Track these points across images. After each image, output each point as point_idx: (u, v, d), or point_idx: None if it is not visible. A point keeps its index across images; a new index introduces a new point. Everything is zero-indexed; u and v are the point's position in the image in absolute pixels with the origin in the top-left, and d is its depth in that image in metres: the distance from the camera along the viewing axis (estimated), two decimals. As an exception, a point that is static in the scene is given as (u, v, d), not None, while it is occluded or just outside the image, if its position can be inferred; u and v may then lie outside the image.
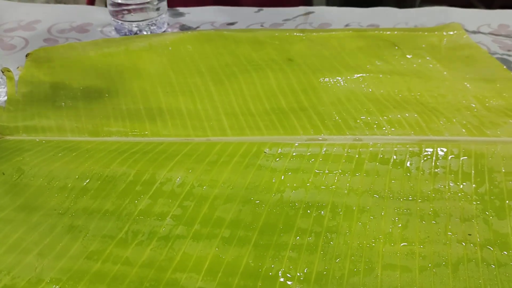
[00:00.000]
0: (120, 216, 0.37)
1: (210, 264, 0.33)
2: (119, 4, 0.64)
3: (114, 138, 0.46)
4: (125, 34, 0.66)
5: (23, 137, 0.46)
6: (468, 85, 0.54)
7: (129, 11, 0.65)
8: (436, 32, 0.66)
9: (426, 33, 0.66)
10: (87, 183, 0.40)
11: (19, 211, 0.37)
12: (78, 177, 0.40)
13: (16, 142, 0.45)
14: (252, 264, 0.33)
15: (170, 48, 0.61)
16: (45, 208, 0.38)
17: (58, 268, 0.33)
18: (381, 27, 0.71)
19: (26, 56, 0.57)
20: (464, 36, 0.65)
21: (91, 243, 0.35)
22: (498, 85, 0.54)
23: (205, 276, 0.32)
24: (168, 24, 0.70)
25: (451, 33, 0.66)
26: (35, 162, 0.42)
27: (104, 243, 0.35)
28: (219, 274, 0.33)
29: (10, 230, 0.36)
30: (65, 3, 0.73)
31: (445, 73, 0.57)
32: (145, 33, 0.66)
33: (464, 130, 0.46)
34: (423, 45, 0.63)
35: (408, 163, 0.42)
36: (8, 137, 0.45)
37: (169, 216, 0.37)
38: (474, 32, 0.70)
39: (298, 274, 0.33)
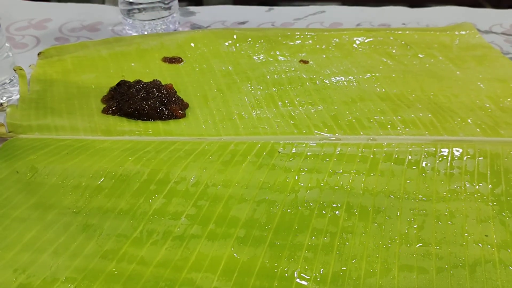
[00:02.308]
0: (134, 215, 0.37)
1: (226, 264, 0.33)
2: (130, 3, 0.64)
3: (127, 137, 0.45)
4: (136, 33, 0.66)
5: (36, 135, 0.45)
6: (481, 85, 0.54)
7: (140, 10, 0.64)
8: (448, 32, 0.66)
9: (438, 33, 0.65)
10: (101, 182, 0.40)
11: (33, 209, 0.37)
12: (92, 176, 0.40)
13: (29, 141, 0.45)
14: (268, 264, 0.33)
15: (181, 47, 0.60)
16: (59, 206, 0.37)
17: (73, 267, 0.33)
18: (392, 27, 0.70)
19: (38, 54, 0.57)
20: (477, 36, 0.65)
21: (105, 242, 0.35)
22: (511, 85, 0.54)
23: (221, 276, 0.32)
24: (179, 23, 0.70)
25: (463, 32, 0.65)
26: (49, 160, 0.42)
27: (119, 242, 0.35)
28: (235, 274, 0.32)
29: (25, 228, 0.36)
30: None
31: (458, 73, 0.57)
32: (156, 32, 0.66)
33: (478, 130, 0.46)
34: (435, 45, 0.63)
35: (424, 163, 0.42)
36: (21, 136, 0.45)
37: (184, 216, 0.37)
38: (486, 32, 0.69)
39: (314, 274, 0.33)
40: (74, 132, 0.46)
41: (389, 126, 0.46)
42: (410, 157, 0.42)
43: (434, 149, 0.43)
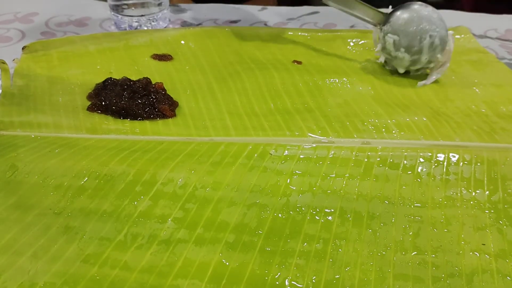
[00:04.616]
0: (118, 218, 0.35)
1: (214, 271, 0.32)
2: (120, -2, 0.62)
3: (113, 136, 0.44)
4: (125, 29, 0.64)
5: (18, 132, 0.44)
6: (477, 90, 0.53)
7: (130, 5, 0.63)
8: (443, 35, 0.64)
9: (433, 36, 0.64)
10: (84, 181, 0.38)
11: (12, 210, 0.35)
12: (75, 175, 0.38)
13: (10, 138, 0.43)
14: (258, 271, 0.32)
15: (171, 44, 0.59)
16: (39, 207, 0.36)
17: (52, 272, 0.31)
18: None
19: (23, 49, 0.55)
20: (472, 40, 0.64)
21: (87, 246, 0.33)
22: (507, 91, 0.53)
23: (208, 283, 0.31)
24: (169, 20, 0.68)
25: (459, 36, 0.65)
26: (30, 158, 0.40)
27: (101, 246, 0.33)
28: (223, 281, 0.31)
29: (2, 230, 0.34)
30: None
31: (453, 77, 0.56)
32: (145, 28, 0.64)
33: (475, 136, 0.45)
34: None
35: (419, 168, 0.40)
36: (2, 132, 0.43)
37: (171, 219, 0.35)
38: (481, 37, 0.69)
39: (306, 282, 0.31)
40: (57, 130, 0.44)
41: (383, 129, 0.45)
42: (405, 161, 0.41)
43: (430, 154, 0.42)
